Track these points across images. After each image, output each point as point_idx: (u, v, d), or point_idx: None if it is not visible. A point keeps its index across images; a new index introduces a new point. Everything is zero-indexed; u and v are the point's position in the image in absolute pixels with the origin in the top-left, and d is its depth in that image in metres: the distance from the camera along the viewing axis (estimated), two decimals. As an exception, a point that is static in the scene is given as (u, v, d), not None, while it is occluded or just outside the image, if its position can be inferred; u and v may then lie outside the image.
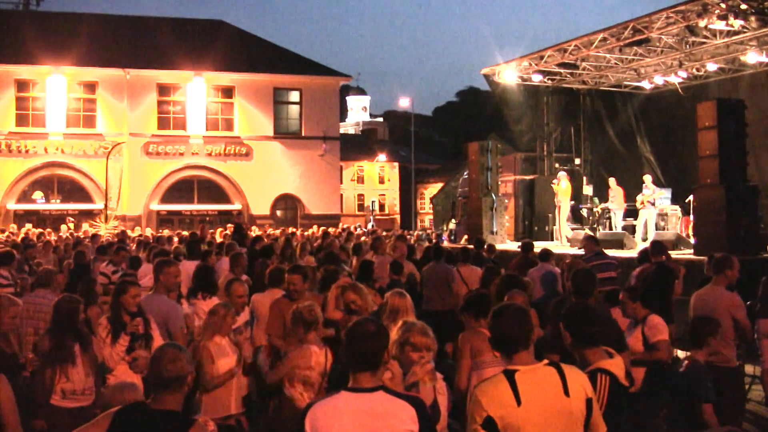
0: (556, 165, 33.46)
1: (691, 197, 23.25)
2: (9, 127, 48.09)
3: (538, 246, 18.11)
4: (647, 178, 26.26)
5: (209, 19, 59.41)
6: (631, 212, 27.30)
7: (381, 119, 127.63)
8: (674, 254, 18.83)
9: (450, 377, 7.19)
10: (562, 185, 27.49)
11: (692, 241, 22.36)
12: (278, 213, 53.34)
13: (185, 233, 27.79)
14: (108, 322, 8.37)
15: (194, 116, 51.25)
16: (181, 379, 4.69)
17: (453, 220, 41.48)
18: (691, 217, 23.46)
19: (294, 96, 53.89)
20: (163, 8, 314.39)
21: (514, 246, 25.23)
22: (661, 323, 9.29)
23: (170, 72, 50.39)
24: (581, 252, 16.77)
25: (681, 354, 13.50)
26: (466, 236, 29.04)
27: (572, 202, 31.17)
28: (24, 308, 10.50)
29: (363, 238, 27.85)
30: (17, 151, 48.01)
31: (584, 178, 33.15)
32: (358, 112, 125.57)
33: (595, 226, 27.50)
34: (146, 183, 50.15)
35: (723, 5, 22.96)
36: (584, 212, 30.11)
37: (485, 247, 18.91)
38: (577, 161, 34.50)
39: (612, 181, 27.37)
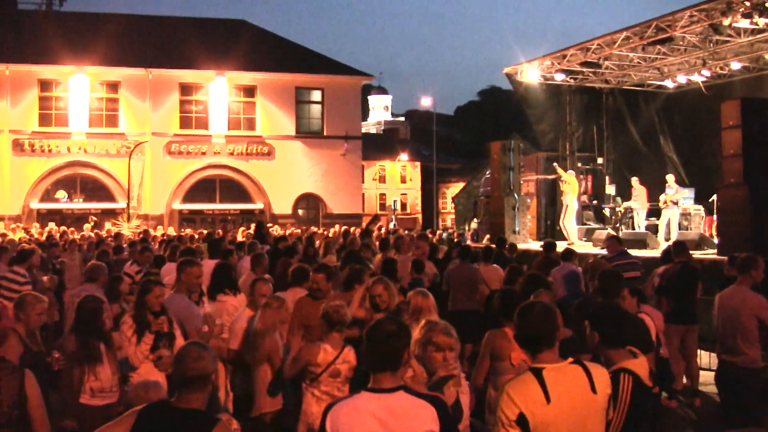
0: (579, 164, 33.38)
1: (714, 197, 23.14)
2: (32, 127, 48.33)
3: (561, 246, 18.06)
4: (670, 178, 26.16)
5: (231, 18, 59.45)
6: (654, 212, 27.19)
7: (403, 119, 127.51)
8: (698, 254, 18.82)
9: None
10: (569, 180, 27.50)
11: (716, 241, 22.26)
12: (300, 212, 53.38)
13: (206, 232, 27.88)
14: (133, 321, 8.41)
15: (216, 116, 51.37)
16: (204, 377, 4.70)
17: (475, 220, 41.49)
18: (715, 216, 23.35)
19: (316, 95, 53.94)
20: (185, 8, 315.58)
21: (536, 245, 25.17)
22: (648, 321, 9.18)
23: (192, 72, 50.53)
24: (604, 251, 16.72)
25: (705, 355, 13.44)
26: (488, 236, 28.96)
27: (595, 202, 31.21)
28: (70, 301, 10.60)
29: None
30: (40, 150, 48.24)
31: (607, 178, 33.10)
32: (380, 111, 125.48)
33: (618, 225, 27.45)
34: (168, 182, 50.31)
35: (747, 3, 22.82)
36: (607, 212, 30.06)
37: (507, 246, 18.86)
38: (600, 160, 34.41)
39: (635, 180, 27.29)
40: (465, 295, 14.83)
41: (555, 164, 29.05)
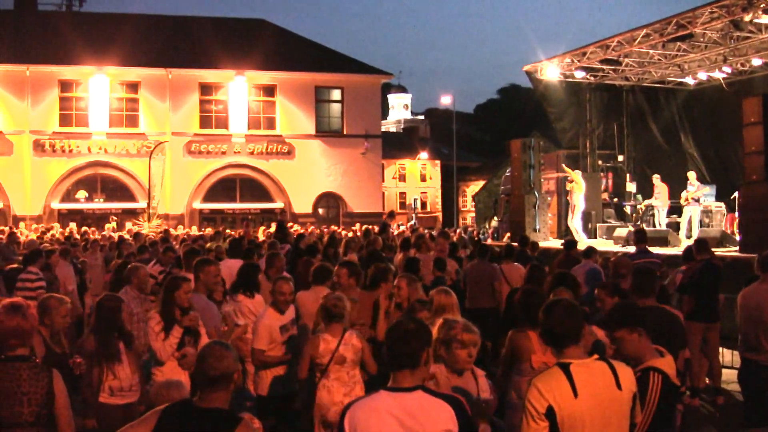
0: (600, 162, 33.34)
1: (736, 194, 23.03)
2: (53, 127, 48.52)
3: (581, 244, 18.03)
4: (691, 175, 26.08)
5: (250, 18, 59.50)
6: (675, 209, 27.12)
7: (422, 117, 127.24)
8: (720, 251, 18.72)
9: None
10: (576, 179, 27.56)
11: (738, 238, 22.15)
12: (320, 211, 53.43)
13: (213, 230, 27.99)
14: (160, 317, 8.41)
15: (236, 115, 51.46)
16: (227, 376, 4.73)
17: (495, 218, 41.35)
18: (737, 214, 23.25)
19: (336, 94, 53.94)
20: (205, 8, 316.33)
21: (556, 243, 25.13)
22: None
23: (212, 71, 50.63)
24: (624, 249, 16.67)
25: (727, 353, 13.38)
26: (508, 234, 28.93)
27: (616, 200, 31.16)
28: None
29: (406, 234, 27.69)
30: (61, 150, 48.44)
31: (627, 175, 33.01)
32: (400, 110, 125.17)
33: (639, 223, 27.38)
34: (189, 182, 50.42)
35: (768, -1, 22.74)
36: (627, 209, 29.98)
37: (529, 244, 18.83)
38: (621, 158, 34.34)
39: (656, 178, 27.23)
40: (481, 293, 14.92)
41: (563, 165, 29.12)
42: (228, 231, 30.25)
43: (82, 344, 8.29)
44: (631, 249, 16.91)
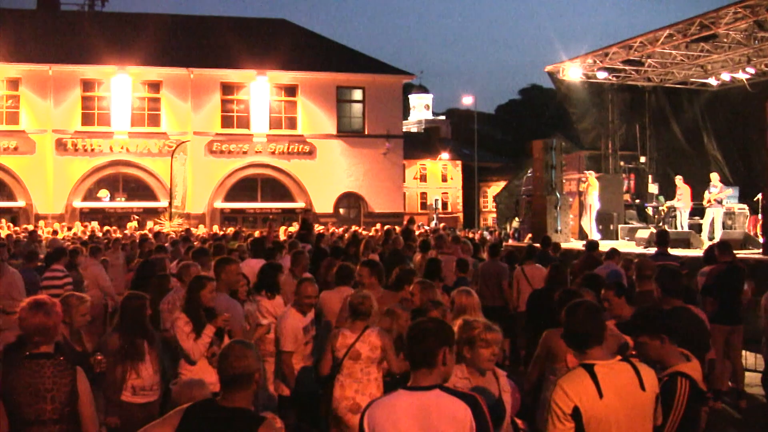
0: (621, 163, 33.29)
1: (759, 195, 22.90)
2: (75, 127, 48.76)
3: (603, 245, 17.98)
4: (714, 176, 25.94)
5: (272, 18, 59.70)
6: (698, 211, 26.99)
7: (444, 117, 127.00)
8: (742, 254, 18.60)
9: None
10: (591, 181, 27.57)
11: (761, 240, 22.02)
12: (341, 211, 53.45)
13: (240, 230, 28.03)
14: (187, 317, 8.37)
15: (258, 115, 51.56)
16: (248, 376, 4.74)
17: (517, 219, 41.27)
18: (760, 215, 23.11)
19: (357, 94, 53.95)
20: (226, 8, 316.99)
21: (578, 244, 25.05)
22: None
23: (234, 71, 50.76)
24: (645, 251, 16.61)
25: (750, 356, 13.31)
26: (530, 235, 28.87)
27: (638, 201, 31.06)
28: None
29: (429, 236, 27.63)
30: (83, 150, 48.64)
31: (649, 177, 32.91)
32: (421, 110, 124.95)
33: (661, 224, 27.25)
34: (210, 181, 50.55)
35: (793, -1, 22.64)
36: (650, 211, 29.87)
37: (551, 245, 18.79)
38: (643, 159, 34.25)
39: (679, 179, 27.09)
40: (490, 291, 15.10)
41: (591, 172, 29.17)
42: (246, 231, 30.22)
43: (104, 342, 8.29)
44: (654, 251, 16.84)
